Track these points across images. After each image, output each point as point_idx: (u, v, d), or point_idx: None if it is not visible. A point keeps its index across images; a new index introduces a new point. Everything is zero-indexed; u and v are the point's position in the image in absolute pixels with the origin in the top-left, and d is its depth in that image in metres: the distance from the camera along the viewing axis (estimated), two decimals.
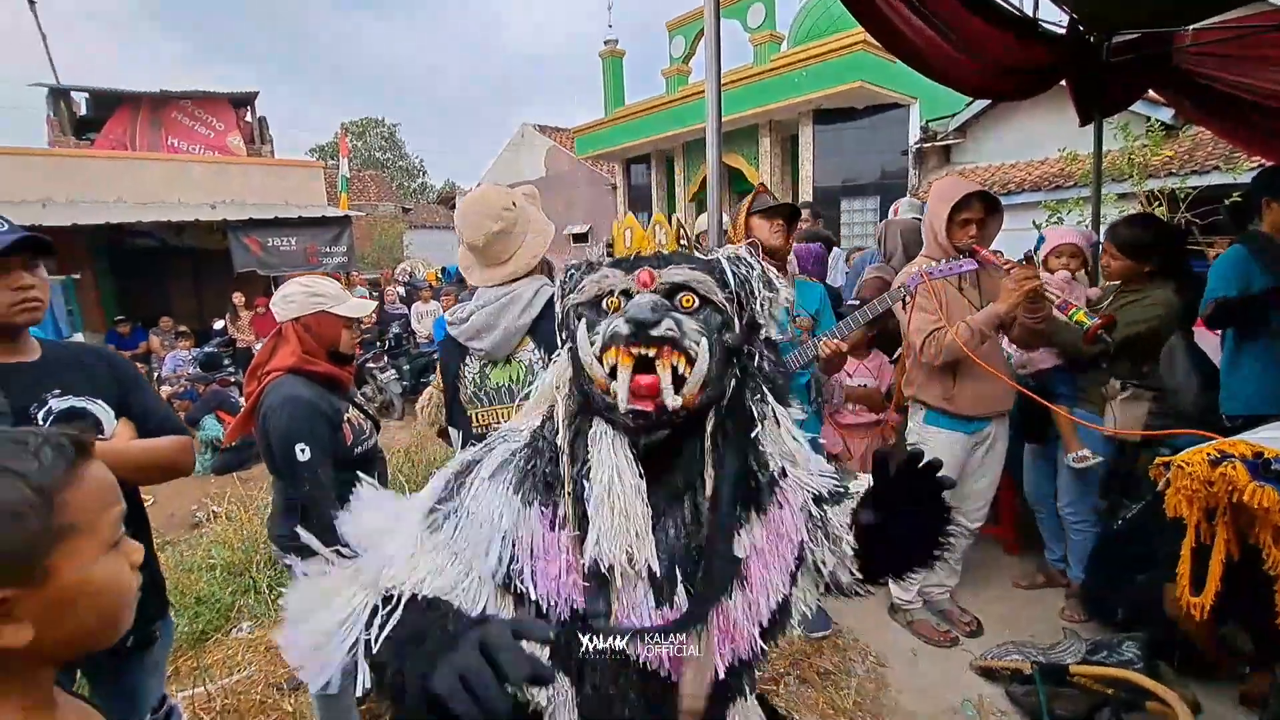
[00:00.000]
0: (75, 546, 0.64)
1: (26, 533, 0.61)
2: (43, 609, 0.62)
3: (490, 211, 1.77)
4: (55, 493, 0.63)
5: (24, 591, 0.61)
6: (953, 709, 2.35)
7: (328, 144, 33.29)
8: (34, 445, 0.64)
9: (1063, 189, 9.05)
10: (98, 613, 0.67)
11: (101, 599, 0.67)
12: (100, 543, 0.67)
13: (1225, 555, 1.37)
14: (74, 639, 0.67)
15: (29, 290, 1.43)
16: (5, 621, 0.60)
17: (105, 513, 0.68)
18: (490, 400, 1.84)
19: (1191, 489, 1.38)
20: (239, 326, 9.03)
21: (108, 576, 0.67)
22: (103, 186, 9.99)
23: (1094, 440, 2.70)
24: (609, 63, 15.80)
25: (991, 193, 2.55)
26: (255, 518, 3.96)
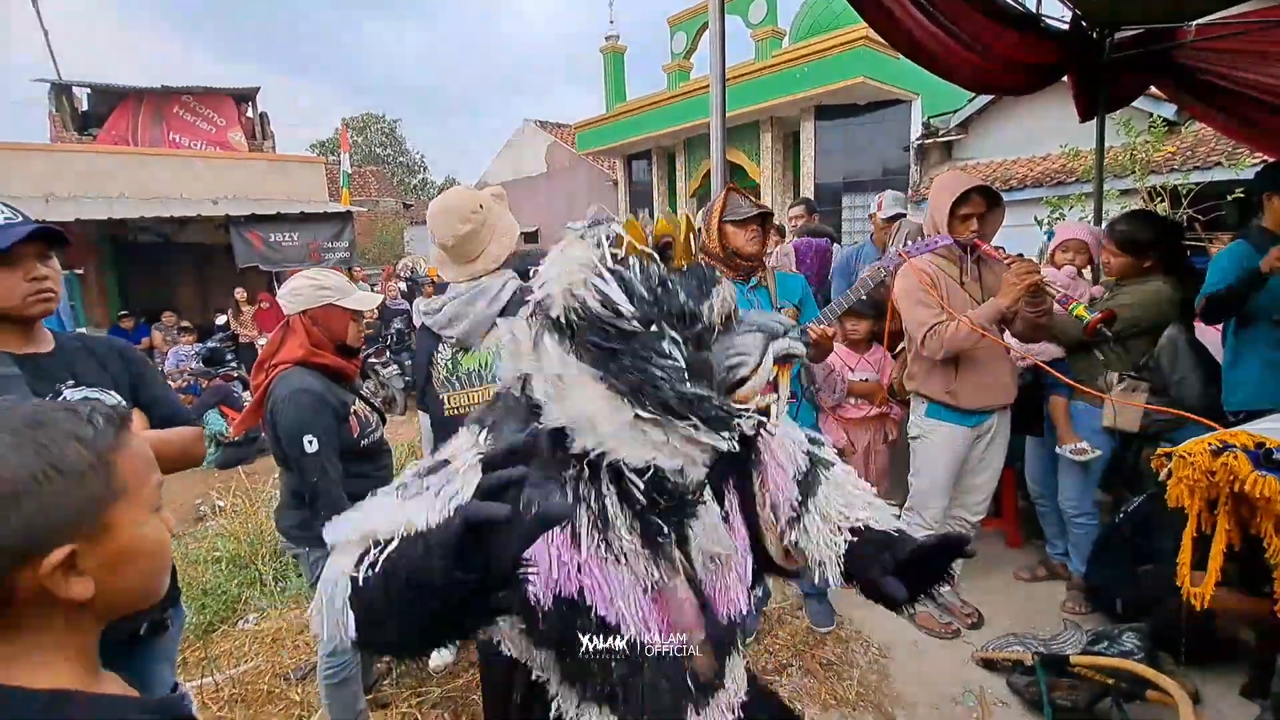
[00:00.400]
0: (128, 506, 0.70)
1: (88, 491, 0.66)
2: (100, 564, 0.67)
3: (459, 214, 1.91)
4: (110, 455, 0.68)
5: (86, 546, 0.66)
6: (954, 700, 2.37)
7: (328, 139, 33.24)
8: (86, 413, 0.70)
9: (1064, 185, 9.05)
10: (145, 570, 0.73)
11: (150, 557, 0.73)
12: (147, 504, 0.73)
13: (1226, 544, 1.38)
14: (124, 595, 0.72)
15: (43, 281, 1.44)
16: (71, 574, 0.65)
17: (149, 478, 0.74)
18: (462, 384, 1.97)
19: (1193, 479, 1.40)
20: (241, 322, 9.04)
21: (155, 536, 0.73)
22: (106, 182, 10.00)
23: (1094, 433, 2.72)
24: (610, 58, 15.76)
25: (992, 187, 2.56)
26: (260, 511, 3.98)
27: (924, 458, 2.66)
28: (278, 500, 2.27)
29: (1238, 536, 1.37)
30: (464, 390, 1.97)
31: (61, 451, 0.65)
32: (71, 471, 0.65)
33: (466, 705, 2.43)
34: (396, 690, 2.51)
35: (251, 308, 9.10)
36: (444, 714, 2.40)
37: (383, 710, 2.41)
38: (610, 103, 15.76)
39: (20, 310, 1.42)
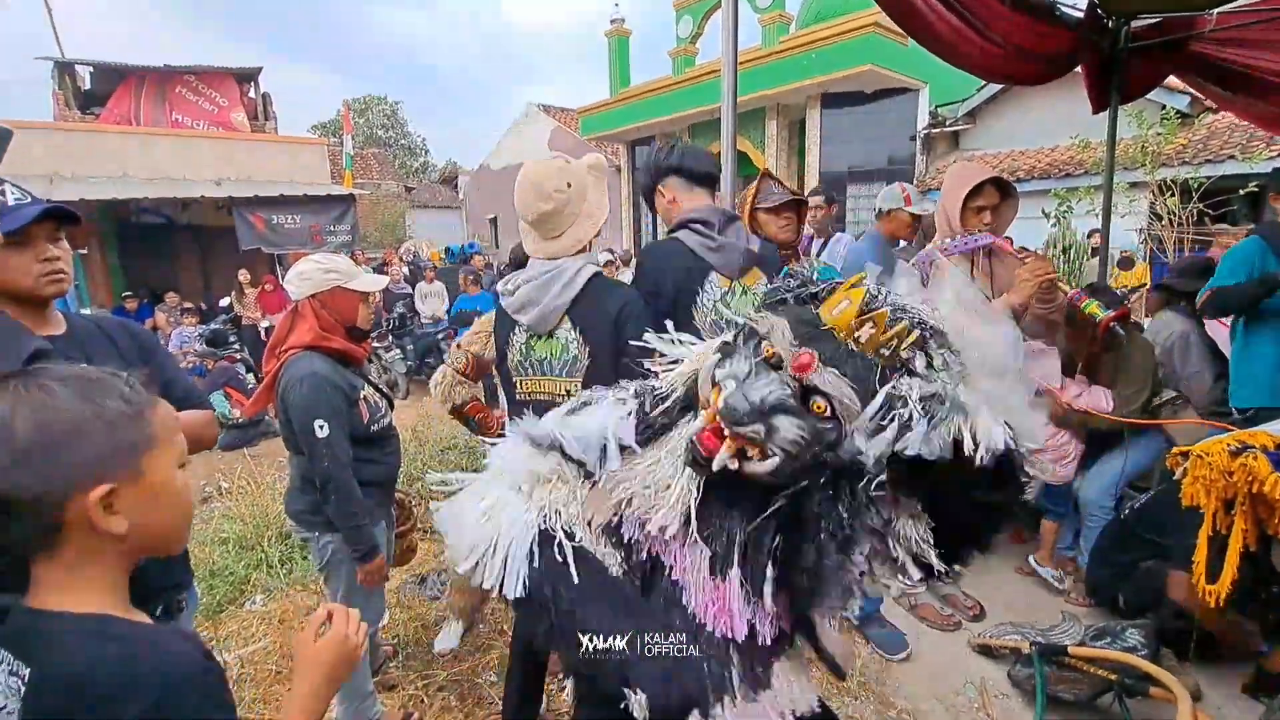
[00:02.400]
0: (160, 454, 0.80)
1: (129, 437, 0.77)
2: (133, 504, 0.77)
3: (541, 192, 1.76)
4: (146, 411, 0.80)
5: (123, 485, 0.76)
6: (955, 691, 2.39)
7: (329, 121, 33.05)
8: (122, 376, 0.81)
9: (1073, 177, 8.99)
10: (172, 514, 0.83)
11: (177, 502, 0.83)
12: (175, 456, 0.83)
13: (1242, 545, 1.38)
14: (152, 536, 0.81)
15: (56, 262, 1.43)
16: (110, 511, 0.75)
17: (177, 434, 0.84)
18: (533, 371, 1.86)
19: (1210, 479, 1.40)
20: (244, 304, 9.03)
21: (182, 484, 0.84)
22: (109, 161, 9.95)
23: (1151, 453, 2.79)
24: (615, 42, 15.62)
25: (1006, 179, 2.53)
26: (265, 494, 3.99)
27: None
28: (282, 483, 2.28)
29: (1253, 538, 1.37)
30: (536, 377, 1.87)
31: (108, 402, 0.76)
32: (117, 419, 0.76)
33: (473, 688, 2.45)
34: (403, 673, 2.53)
35: (255, 290, 9.08)
36: (450, 697, 2.41)
37: (390, 692, 2.43)
38: (615, 88, 15.64)
39: (34, 291, 1.41)
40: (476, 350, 2.50)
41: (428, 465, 4.45)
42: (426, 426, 5.16)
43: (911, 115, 11.67)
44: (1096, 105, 3.86)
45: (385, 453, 2.22)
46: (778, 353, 0.94)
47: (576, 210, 1.81)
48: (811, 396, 0.91)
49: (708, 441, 0.92)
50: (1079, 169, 9.05)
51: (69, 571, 0.75)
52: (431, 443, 4.82)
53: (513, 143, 21.38)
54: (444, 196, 27.30)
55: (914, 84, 11.30)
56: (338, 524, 1.99)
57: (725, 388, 0.91)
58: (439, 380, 2.52)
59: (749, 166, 13.21)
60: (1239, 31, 3.29)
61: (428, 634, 2.77)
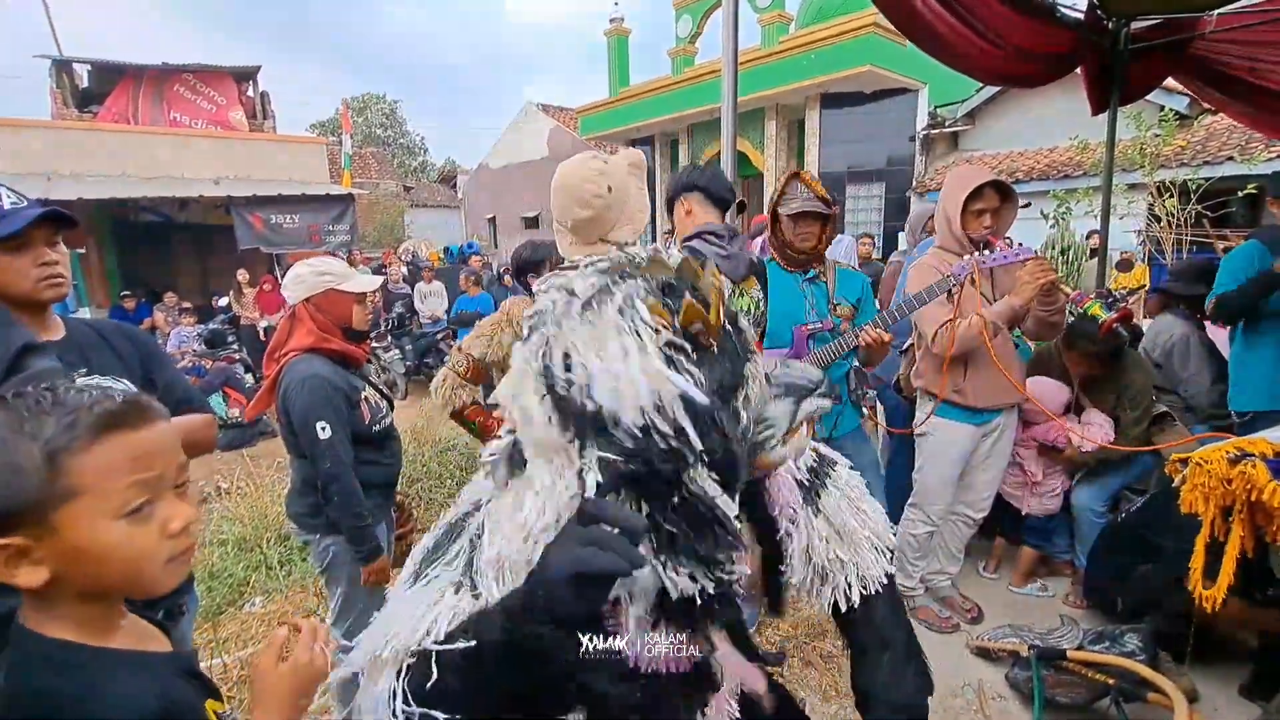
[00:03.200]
0: (79, 508, 0.68)
1: (27, 490, 0.66)
2: (57, 558, 0.69)
3: (579, 198, 1.69)
4: (62, 457, 0.67)
5: (33, 541, 0.67)
6: (953, 693, 2.39)
7: (328, 120, 33.02)
8: (70, 407, 0.69)
9: (1071, 178, 9.01)
10: (110, 571, 0.72)
11: (110, 560, 0.71)
12: (110, 508, 0.70)
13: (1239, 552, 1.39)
14: (100, 586, 0.73)
15: (54, 266, 1.42)
16: (23, 563, 0.68)
17: (121, 481, 0.70)
18: None
19: (1209, 486, 1.40)
20: (243, 304, 9.02)
21: (116, 541, 0.70)
22: (108, 160, 9.94)
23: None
24: (614, 41, 15.62)
25: (1007, 182, 2.53)
26: (265, 494, 3.99)
27: (930, 454, 2.66)
28: (281, 484, 2.28)
29: (1250, 544, 1.38)
30: None
31: (9, 450, 0.66)
32: (9, 470, 0.66)
33: None
34: None
35: (253, 290, 9.08)
36: None
37: None
38: (614, 87, 15.64)
39: (32, 295, 1.41)
40: (477, 353, 2.49)
41: (427, 466, 4.46)
42: (426, 427, 5.16)
43: (911, 116, 11.69)
44: (1096, 106, 3.86)
45: (386, 454, 2.22)
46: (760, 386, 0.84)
47: (617, 215, 1.74)
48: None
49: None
50: (1077, 170, 9.07)
51: (33, 598, 0.72)
52: (431, 444, 4.82)
53: (511, 142, 21.36)
54: (443, 196, 27.29)
55: (913, 84, 11.32)
56: (341, 525, 1.99)
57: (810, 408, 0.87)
58: (439, 384, 2.52)
59: (748, 167, 13.22)
60: (1239, 33, 3.30)
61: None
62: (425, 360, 8.20)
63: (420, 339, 8.39)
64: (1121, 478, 2.84)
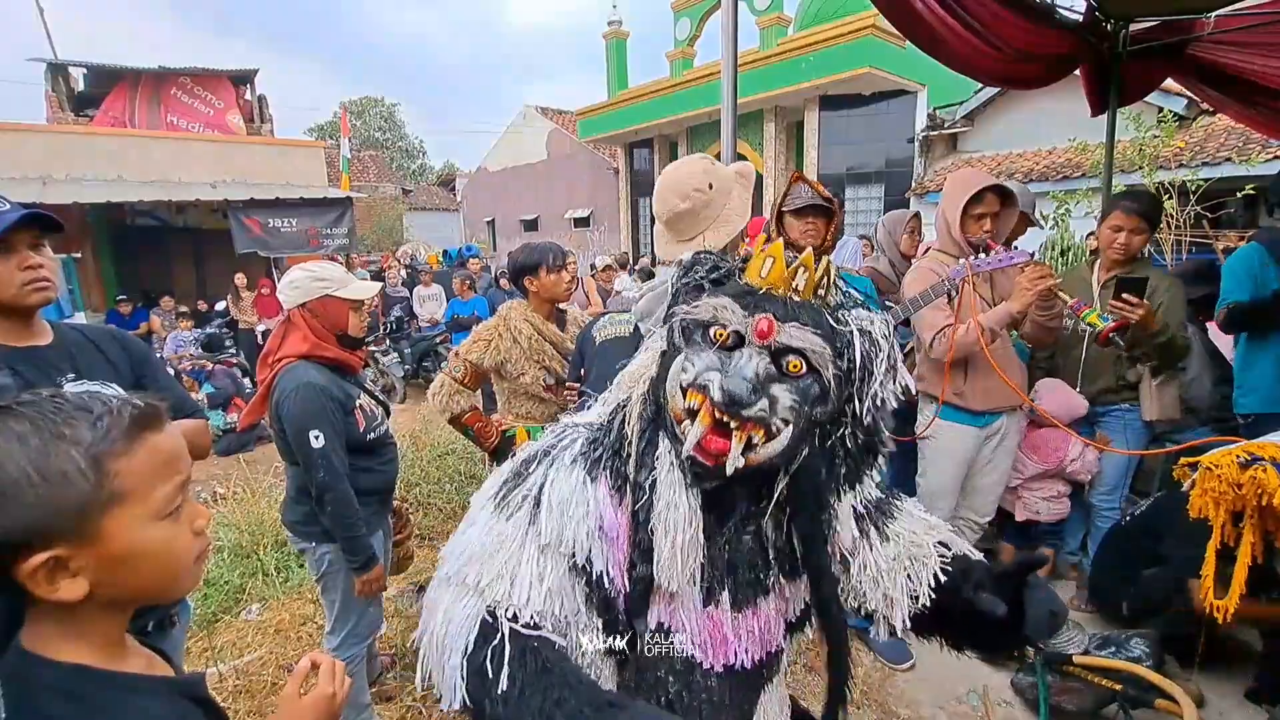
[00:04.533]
0: (125, 513, 0.68)
1: (75, 496, 0.65)
2: (97, 567, 0.67)
3: (680, 189, 1.70)
4: (107, 461, 0.66)
5: (77, 550, 0.66)
6: (958, 699, 2.37)
7: (326, 123, 33.02)
8: (97, 412, 0.68)
9: (1070, 179, 8.99)
10: (151, 574, 0.72)
11: (153, 563, 0.71)
12: (152, 510, 0.70)
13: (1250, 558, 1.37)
14: (134, 593, 0.73)
15: (39, 270, 1.40)
16: (62, 575, 0.66)
17: (160, 483, 0.71)
18: None
19: (1219, 491, 1.38)
20: (241, 308, 8.99)
21: (159, 542, 0.71)
22: (104, 164, 9.90)
23: (1134, 431, 2.72)
24: (613, 44, 15.64)
25: (1007, 185, 2.52)
26: (262, 500, 3.96)
27: (932, 458, 2.64)
28: (277, 489, 2.25)
29: (1261, 550, 1.35)
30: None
31: (50, 455, 0.64)
32: (56, 477, 0.64)
33: None
34: (400, 683, 2.50)
35: (251, 294, 9.05)
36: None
37: (387, 704, 2.40)
38: (613, 89, 15.65)
39: (17, 300, 1.38)
40: (475, 358, 2.48)
41: (425, 471, 4.43)
42: (424, 431, 5.13)
43: (910, 118, 11.68)
44: (1095, 108, 3.85)
45: (382, 461, 2.19)
46: (732, 331, 0.88)
47: (715, 213, 1.74)
48: (782, 358, 0.87)
49: (714, 445, 0.83)
50: (1076, 171, 9.06)
51: (47, 617, 0.69)
52: (430, 448, 4.79)
53: (510, 144, 21.37)
54: (441, 199, 27.30)
55: (912, 86, 11.31)
56: (335, 534, 1.97)
57: (710, 382, 0.83)
58: (437, 389, 2.50)
59: None
60: (1238, 35, 3.28)
61: None
62: (424, 363, 8.18)
63: (419, 342, 8.36)
64: (1126, 463, 2.78)
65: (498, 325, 2.52)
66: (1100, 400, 2.77)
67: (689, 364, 0.87)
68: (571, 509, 0.92)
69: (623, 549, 0.93)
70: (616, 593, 0.93)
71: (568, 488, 0.93)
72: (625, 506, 0.93)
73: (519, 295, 2.64)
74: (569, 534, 0.91)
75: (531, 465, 0.98)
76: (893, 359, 0.91)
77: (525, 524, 0.93)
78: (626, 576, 0.93)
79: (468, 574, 0.92)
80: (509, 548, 0.92)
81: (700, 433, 0.83)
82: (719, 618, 0.96)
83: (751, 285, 0.92)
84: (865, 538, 1.05)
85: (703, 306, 0.90)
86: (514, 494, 0.96)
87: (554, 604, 0.90)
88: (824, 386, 0.87)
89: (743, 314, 0.88)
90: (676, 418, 0.88)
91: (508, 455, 2.53)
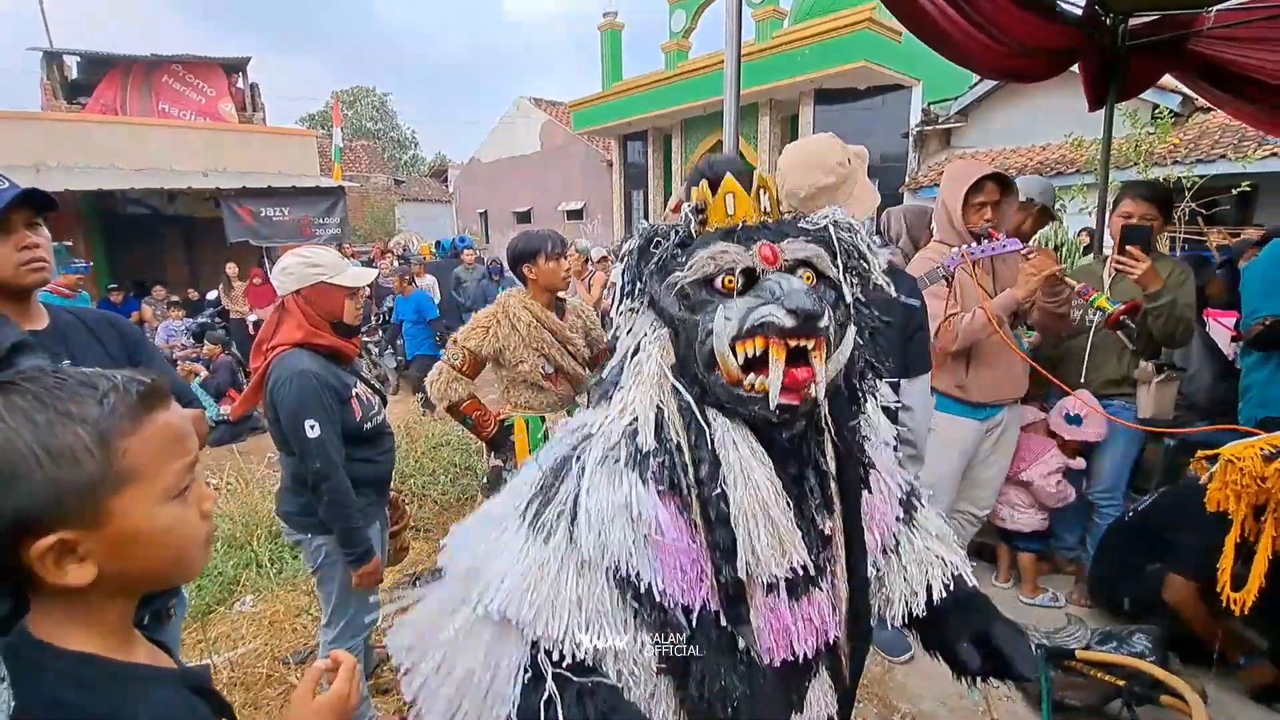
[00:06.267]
0: (134, 493, 0.65)
1: (84, 477, 0.62)
2: (105, 550, 0.64)
3: (824, 163, 1.65)
4: (115, 439, 0.64)
5: (85, 533, 0.63)
6: (959, 694, 2.36)
7: (318, 113, 32.72)
8: (102, 390, 0.65)
9: (1064, 175, 9.00)
10: (160, 557, 0.69)
11: (163, 545, 0.69)
12: (161, 491, 0.67)
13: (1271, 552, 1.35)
14: (142, 577, 0.70)
15: (35, 249, 1.37)
16: (70, 560, 0.63)
17: (169, 462, 0.69)
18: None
19: (1242, 484, 1.36)
20: (233, 297, 8.91)
21: (168, 524, 0.68)
22: (97, 152, 9.80)
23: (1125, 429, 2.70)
24: (608, 35, 15.55)
25: (1007, 174, 2.50)
26: (254, 491, 3.92)
27: (933, 451, 2.61)
28: (271, 479, 2.21)
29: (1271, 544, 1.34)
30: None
31: (64, 434, 0.61)
32: (64, 456, 0.61)
33: None
34: (397, 676, 2.47)
35: (243, 283, 8.97)
36: None
37: (383, 696, 2.38)
38: (607, 81, 15.56)
39: (14, 281, 1.35)
40: (473, 345, 2.45)
41: (419, 462, 4.40)
42: (418, 423, 5.10)
43: (904, 112, 11.67)
44: (1093, 103, 3.84)
45: (380, 451, 2.16)
46: (741, 271, 0.85)
47: (851, 190, 1.70)
48: (794, 275, 0.86)
49: (797, 377, 0.80)
50: (1071, 167, 9.06)
51: (54, 604, 0.66)
52: (424, 439, 4.76)
53: (504, 136, 21.24)
54: (434, 190, 27.12)
55: (907, 81, 11.30)
56: (331, 526, 1.93)
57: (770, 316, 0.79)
58: (435, 377, 2.47)
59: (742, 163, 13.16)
60: (1237, 29, 3.28)
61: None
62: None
63: None
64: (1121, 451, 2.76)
65: (496, 312, 2.49)
66: (1100, 392, 2.76)
67: (726, 318, 0.83)
68: (613, 517, 0.86)
69: (689, 555, 0.87)
70: (674, 604, 0.87)
71: (605, 495, 0.87)
72: (687, 510, 0.87)
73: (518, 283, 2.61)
74: (613, 545, 0.85)
75: (560, 476, 0.92)
76: (867, 239, 0.93)
77: (564, 544, 0.88)
78: (700, 588, 0.87)
79: (509, 609, 0.86)
80: (549, 577, 0.86)
81: (781, 371, 0.80)
82: (780, 608, 0.91)
83: (722, 228, 0.90)
84: (909, 518, 1.09)
85: (699, 263, 0.86)
86: (548, 511, 0.90)
87: (602, 631, 0.86)
88: (836, 289, 0.88)
89: (742, 250, 0.85)
90: (733, 379, 0.83)
91: (505, 445, 2.53)
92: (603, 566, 0.86)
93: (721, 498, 0.84)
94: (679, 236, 0.91)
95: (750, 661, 0.89)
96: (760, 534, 0.83)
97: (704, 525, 0.86)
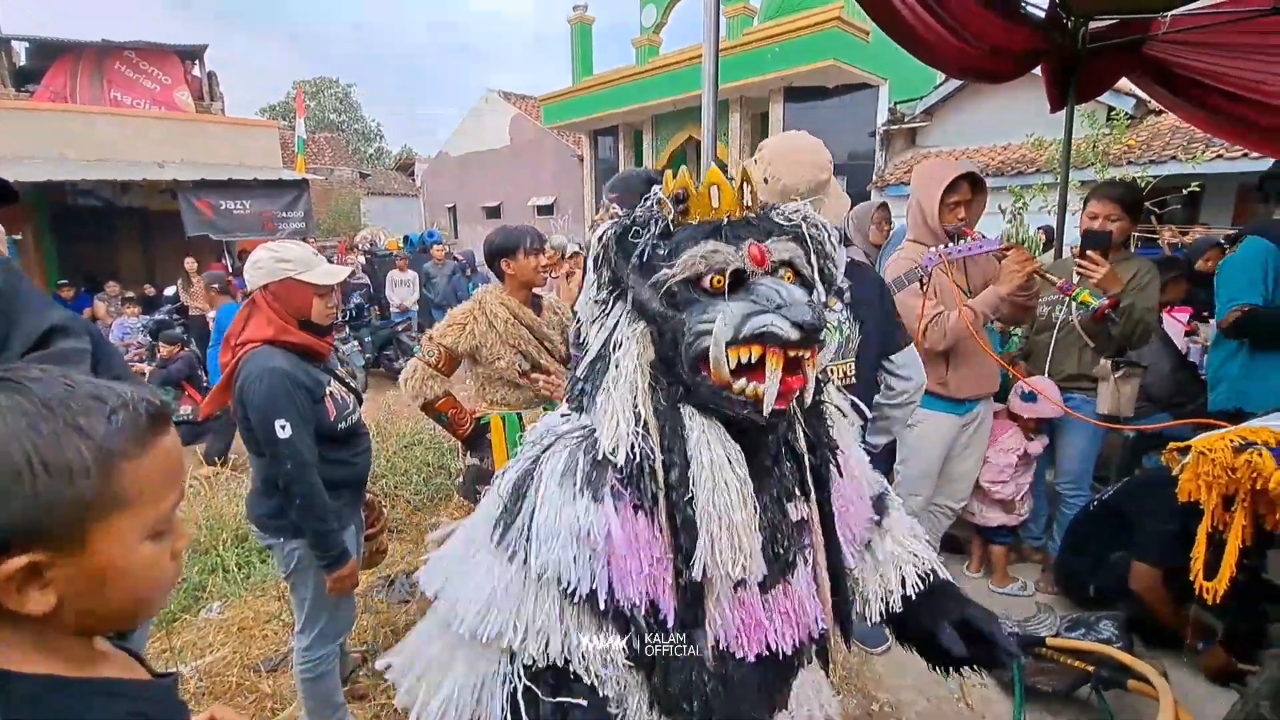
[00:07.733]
0: (121, 523, 0.60)
1: (74, 496, 0.57)
2: (70, 580, 0.59)
3: (818, 160, 1.69)
4: (115, 461, 0.59)
5: (57, 556, 0.57)
6: (936, 683, 2.41)
7: (279, 103, 31.98)
8: (111, 405, 0.60)
9: (1025, 175, 9.22)
10: (124, 597, 0.63)
11: (131, 584, 0.63)
12: (148, 524, 0.63)
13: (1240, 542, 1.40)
14: (96, 616, 0.64)
15: None
16: (34, 584, 0.57)
17: (164, 494, 0.64)
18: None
19: (1213, 474, 1.41)
20: (191, 293, 8.64)
21: (144, 562, 0.63)
22: (46, 141, 9.42)
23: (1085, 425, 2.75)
24: (578, 29, 15.44)
25: (979, 174, 2.55)
26: (219, 494, 3.81)
27: (914, 446, 2.66)
28: (236, 482, 2.15)
29: (1250, 534, 1.39)
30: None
31: (61, 446, 0.56)
32: (60, 471, 0.56)
33: None
34: (373, 680, 2.43)
35: (201, 278, 8.71)
36: None
37: (359, 701, 2.33)
38: (577, 76, 15.46)
39: None
40: (449, 342, 2.41)
41: (390, 461, 4.32)
42: (389, 421, 5.02)
43: (871, 111, 11.82)
44: (1055, 104, 3.94)
45: (355, 452, 2.11)
46: (732, 271, 0.84)
47: (831, 191, 1.76)
48: (776, 274, 0.87)
49: (791, 385, 0.81)
50: (1031, 167, 9.29)
51: (11, 628, 0.60)
52: (395, 438, 4.68)
53: (472, 130, 20.97)
54: (400, 184, 26.70)
55: (874, 80, 11.45)
56: (304, 530, 1.88)
57: (772, 325, 0.78)
58: (409, 374, 2.42)
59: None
60: (1191, 34, 3.39)
61: (397, 639, 2.66)
62: (385, 352, 7.99)
63: (380, 330, 8.17)
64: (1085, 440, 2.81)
65: (472, 309, 2.45)
66: (1063, 387, 2.83)
67: (723, 322, 0.81)
68: (557, 534, 0.86)
69: (650, 556, 0.86)
70: (632, 607, 0.87)
71: (553, 511, 0.87)
72: (654, 514, 0.86)
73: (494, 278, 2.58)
74: (555, 563, 0.86)
75: (523, 489, 0.92)
76: (833, 240, 0.94)
77: (523, 563, 0.89)
78: (662, 587, 0.87)
79: (484, 630, 0.89)
80: (515, 595, 0.89)
81: (779, 380, 0.80)
82: (751, 602, 0.90)
83: (706, 221, 0.88)
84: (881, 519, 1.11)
85: (689, 261, 0.84)
86: (512, 529, 0.91)
87: (567, 638, 0.89)
88: (810, 285, 0.89)
89: (733, 250, 0.84)
90: (722, 382, 0.82)
91: (481, 443, 2.50)
92: (552, 581, 0.88)
93: (690, 503, 0.84)
94: (659, 227, 0.88)
95: (722, 657, 0.90)
96: (722, 537, 0.83)
97: (669, 528, 0.86)
